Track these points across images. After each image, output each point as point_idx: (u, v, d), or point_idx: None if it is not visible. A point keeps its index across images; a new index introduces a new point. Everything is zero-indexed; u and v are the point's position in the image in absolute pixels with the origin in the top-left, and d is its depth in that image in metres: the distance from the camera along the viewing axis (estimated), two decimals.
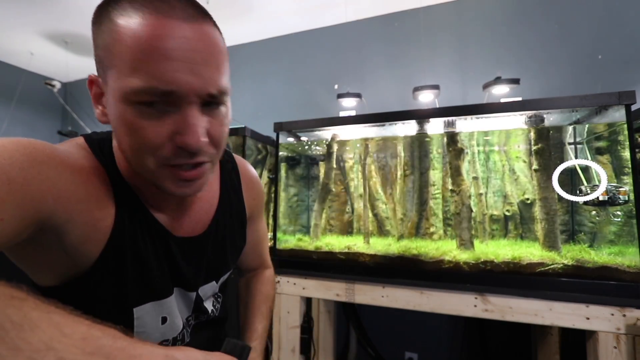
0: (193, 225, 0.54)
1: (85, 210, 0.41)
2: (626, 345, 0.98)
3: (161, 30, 0.36)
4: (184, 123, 0.38)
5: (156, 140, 0.38)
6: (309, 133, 1.66)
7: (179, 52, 0.36)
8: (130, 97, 0.37)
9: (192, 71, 0.37)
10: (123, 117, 0.38)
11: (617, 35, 1.85)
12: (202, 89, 0.38)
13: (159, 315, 0.50)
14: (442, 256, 1.26)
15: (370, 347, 1.65)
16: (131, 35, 0.36)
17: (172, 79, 0.36)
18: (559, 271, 1.11)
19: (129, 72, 0.36)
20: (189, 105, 0.38)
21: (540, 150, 1.27)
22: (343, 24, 2.54)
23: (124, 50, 0.36)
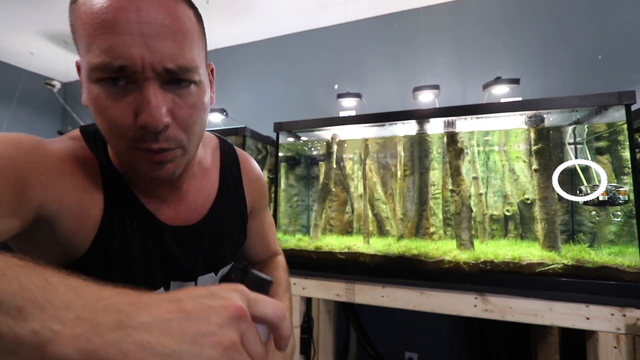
0: (189, 214, 0.54)
1: (74, 199, 0.41)
2: (626, 345, 0.98)
3: (110, 2, 0.35)
4: (142, 100, 0.37)
5: (122, 120, 0.37)
6: (309, 133, 1.66)
7: (130, 24, 0.35)
8: (91, 75, 0.37)
9: (146, 45, 0.35)
10: (91, 96, 0.38)
11: (617, 35, 1.85)
12: (157, 64, 0.36)
13: None
14: (442, 256, 1.26)
15: (370, 347, 1.65)
16: (84, 11, 0.36)
17: (122, 53, 0.35)
18: (559, 271, 1.11)
19: (86, 49, 0.36)
20: (146, 81, 0.37)
21: (540, 150, 1.27)
22: (343, 24, 2.54)
23: (81, 28, 0.36)
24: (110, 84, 0.37)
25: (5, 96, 3.20)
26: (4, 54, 3.14)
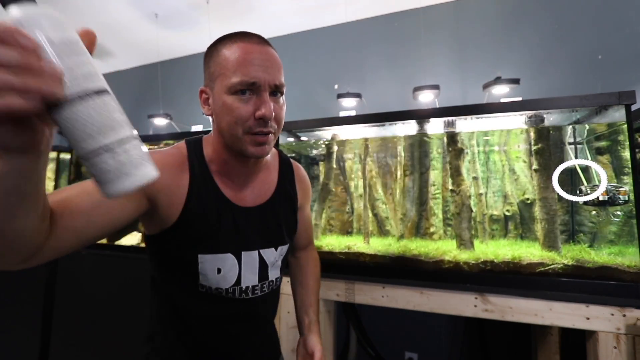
0: (254, 198, 0.73)
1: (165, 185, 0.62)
2: (626, 345, 0.98)
3: (247, 49, 0.62)
4: (261, 102, 0.61)
5: (245, 114, 0.61)
6: (309, 133, 1.66)
7: (257, 59, 0.62)
8: (232, 89, 0.61)
9: (265, 71, 0.61)
10: (226, 103, 0.62)
11: (617, 35, 1.85)
12: (271, 81, 0.62)
13: (215, 265, 0.67)
14: (442, 256, 1.26)
15: (370, 347, 1.65)
16: (231, 54, 0.62)
17: (254, 75, 0.61)
18: (559, 271, 1.11)
19: (231, 74, 0.61)
20: (264, 92, 0.62)
21: (540, 150, 1.27)
22: (343, 24, 2.54)
23: (228, 63, 0.62)
24: (242, 94, 0.61)
25: None
26: None
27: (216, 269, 0.67)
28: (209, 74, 0.66)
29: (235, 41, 0.63)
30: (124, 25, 2.68)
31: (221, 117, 0.64)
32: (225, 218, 0.68)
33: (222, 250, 0.68)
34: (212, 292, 0.69)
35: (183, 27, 2.67)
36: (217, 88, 0.64)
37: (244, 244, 0.70)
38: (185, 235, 0.65)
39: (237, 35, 0.65)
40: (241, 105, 0.61)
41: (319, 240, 1.62)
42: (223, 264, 0.68)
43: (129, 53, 3.16)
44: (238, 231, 0.69)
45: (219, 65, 0.63)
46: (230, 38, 0.64)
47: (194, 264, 0.66)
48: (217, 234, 0.67)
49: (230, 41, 0.64)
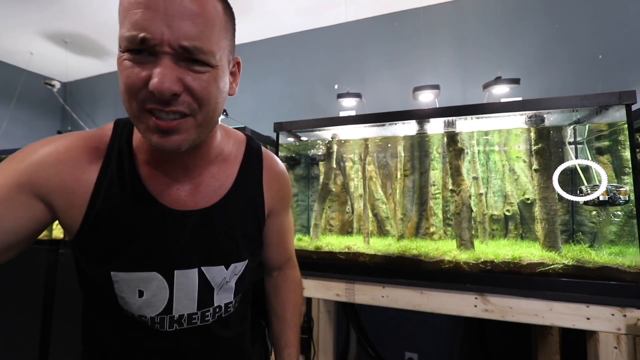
0: (198, 200, 0.55)
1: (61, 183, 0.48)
2: (627, 346, 0.97)
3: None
4: (159, 70, 0.42)
5: (136, 81, 0.42)
6: (309, 133, 1.65)
7: (155, 3, 0.41)
8: (121, 44, 0.42)
9: (165, 22, 0.41)
10: (118, 63, 0.44)
11: (617, 35, 1.85)
12: (174, 41, 0.41)
13: (135, 287, 0.51)
14: (442, 256, 1.26)
15: (370, 347, 1.65)
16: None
17: (145, 27, 0.40)
18: (559, 271, 1.11)
19: (121, 23, 0.42)
20: (163, 54, 0.42)
21: (541, 150, 1.27)
22: (343, 24, 2.54)
23: (121, 4, 0.43)
24: (135, 53, 0.42)
25: (4, 96, 3.19)
26: (3, 54, 3.14)
27: (137, 292, 0.51)
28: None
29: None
30: None
31: (119, 77, 0.45)
32: (148, 223, 0.51)
33: (144, 267, 0.51)
34: (134, 319, 0.53)
35: None
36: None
37: (177, 259, 0.53)
38: (92, 246, 0.50)
39: None
40: (132, 66, 0.42)
41: (319, 240, 1.62)
42: (146, 285, 0.51)
43: None
44: (169, 242, 0.52)
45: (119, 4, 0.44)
46: None
47: (108, 283, 0.50)
48: (136, 245, 0.51)
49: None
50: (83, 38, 2.86)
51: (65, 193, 0.48)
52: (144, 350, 0.55)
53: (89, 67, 3.43)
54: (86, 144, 0.50)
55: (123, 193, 0.50)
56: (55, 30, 2.74)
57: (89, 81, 3.66)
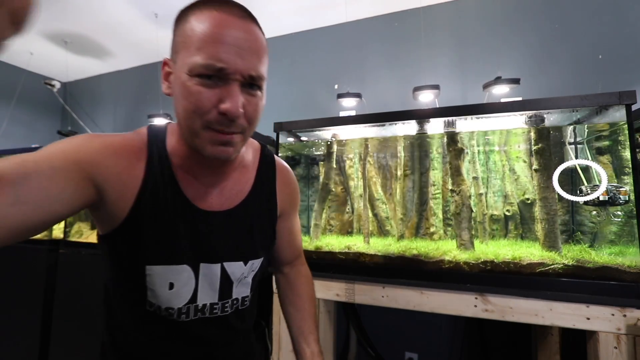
0: (222, 202, 0.61)
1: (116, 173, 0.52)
2: (627, 346, 0.97)
3: (219, 21, 0.49)
4: (228, 94, 0.49)
5: (206, 104, 0.49)
6: (309, 133, 1.65)
7: (231, 39, 0.48)
8: (193, 70, 0.48)
9: (239, 55, 0.49)
10: (185, 85, 0.49)
11: (617, 35, 1.85)
12: (245, 70, 0.49)
13: (167, 280, 0.56)
14: (442, 256, 1.26)
15: (370, 347, 1.65)
16: (198, 25, 0.49)
17: (223, 58, 0.48)
18: (559, 271, 1.11)
19: (195, 52, 0.48)
20: (233, 81, 0.49)
21: (541, 150, 1.27)
22: (343, 24, 2.54)
23: (193, 36, 0.49)
24: (205, 78, 0.48)
25: (4, 96, 3.20)
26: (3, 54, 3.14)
27: (168, 284, 0.56)
28: (174, 44, 0.53)
29: (208, 8, 0.50)
30: (124, 25, 2.68)
31: (178, 100, 0.51)
32: (183, 222, 0.56)
33: (177, 261, 0.56)
34: (161, 313, 0.57)
35: None
36: (178, 63, 0.51)
37: (205, 254, 0.59)
38: (133, 239, 0.54)
39: (211, 3, 0.51)
40: (203, 90, 0.48)
41: (319, 240, 1.62)
42: (177, 277, 0.56)
43: (129, 53, 3.16)
44: (198, 239, 0.58)
45: (183, 35, 0.50)
46: (205, 3, 0.51)
47: (140, 276, 0.55)
48: (172, 241, 0.56)
49: (203, 6, 0.50)
50: (83, 38, 2.86)
51: (119, 184, 0.52)
52: (167, 340, 0.59)
53: (89, 67, 3.43)
54: (134, 144, 0.55)
55: (164, 193, 0.55)
56: (55, 30, 2.74)
57: (89, 81, 3.66)
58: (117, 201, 0.52)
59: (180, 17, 0.53)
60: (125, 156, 0.53)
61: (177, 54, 0.52)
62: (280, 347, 1.35)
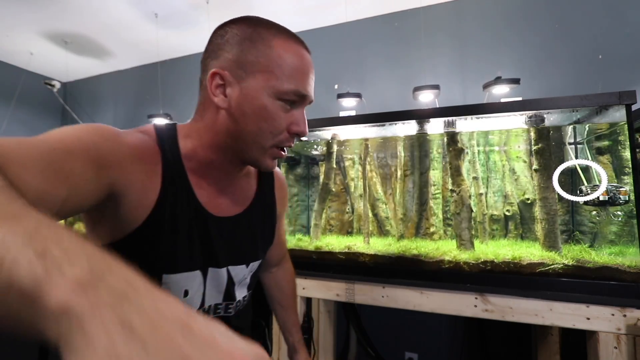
0: (230, 208, 0.62)
1: (139, 180, 0.50)
2: (627, 346, 0.97)
3: (305, 57, 0.55)
4: (302, 117, 0.56)
5: (283, 125, 0.54)
6: (309, 133, 1.65)
7: (311, 72, 0.56)
8: (280, 94, 0.53)
9: (312, 86, 0.57)
10: (267, 107, 0.53)
11: (617, 35, 1.85)
12: (312, 97, 0.57)
13: (183, 287, 0.56)
14: (442, 256, 1.26)
15: (370, 347, 1.65)
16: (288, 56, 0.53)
17: (307, 89, 0.55)
18: (559, 271, 1.11)
19: (286, 79, 0.53)
20: (304, 106, 0.57)
21: (541, 150, 1.27)
22: (343, 24, 2.54)
23: (284, 65, 0.53)
24: (288, 103, 0.54)
25: (4, 96, 3.20)
26: (3, 54, 3.14)
27: (183, 292, 0.55)
28: (241, 60, 0.53)
29: (291, 41, 0.55)
30: (124, 25, 2.68)
31: (250, 118, 0.53)
32: (197, 228, 0.56)
33: (192, 267, 0.56)
34: None
35: (183, 27, 2.67)
36: (254, 83, 0.52)
37: (213, 259, 0.59)
38: (149, 247, 0.52)
39: (289, 34, 0.56)
40: (283, 115, 0.54)
41: (319, 240, 1.62)
42: (191, 284, 0.56)
43: (128, 53, 3.16)
44: (209, 244, 0.58)
45: (268, 58, 0.52)
46: (282, 33, 0.55)
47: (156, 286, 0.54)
48: (188, 248, 0.55)
49: (285, 38, 0.54)
50: (83, 38, 2.86)
51: (140, 190, 0.50)
52: None
53: (89, 67, 3.43)
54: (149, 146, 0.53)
55: (180, 199, 0.55)
56: (55, 30, 2.74)
57: (89, 81, 3.66)
58: (136, 208, 0.50)
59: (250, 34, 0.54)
60: (147, 161, 0.52)
61: (250, 73, 0.53)
62: (280, 347, 1.35)
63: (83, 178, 0.41)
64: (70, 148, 0.41)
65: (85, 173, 0.41)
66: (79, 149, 0.41)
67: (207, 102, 0.56)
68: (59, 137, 0.41)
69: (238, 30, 0.55)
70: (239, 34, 0.55)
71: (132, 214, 0.50)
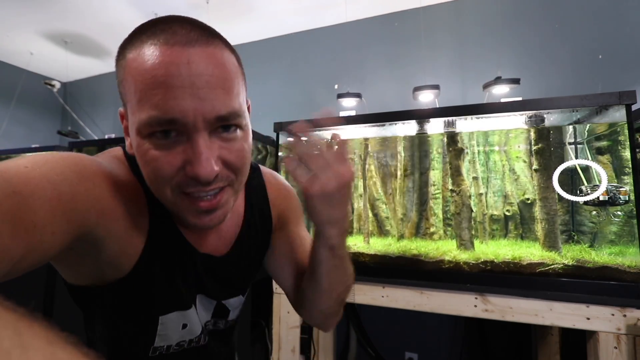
0: (218, 245, 0.55)
1: (123, 227, 0.42)
2: (627, 346, 0.97)
3: (161, 58, 0.36)
4: (193, 152, 0.38)
5: (169, 170, 0.39)
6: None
7: (179, 78, 0.36)
8: (142, 131, 0.38)
9: (196, 96, 0.37)
10: (140, 149, 0.39)
11: (617, 35, 1.85)
12: (208, 113, 0.38)
13: (181, 322, 0.52)
14: (442, 256, 1.26)
15: (370, 347, 1.65)
16: (135, 68, 0.37)
17: (173, 107, 0.36)
18: (559, 271, 1.11)
19: (137, 105, 0.38)
20: (196, 132, 0.38)
21: (541, 150, 1.27)
22: (343, 24, 2.54)
23: (132, 84, 0.38)
24: (161, 137, 0.38)
25: (4, 96, 3.20)
26: (3, 54, 3.14)
27: (181, 325, 0.52)
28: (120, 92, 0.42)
29: (143, 40, 0.38)
30: (124, 25, 2.68)
31: (141, 167, 0.41)
32: (189, 267, 0.51)
33: (187, 305, 0.52)
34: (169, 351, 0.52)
35: None
36: (130, 119, 0.41)
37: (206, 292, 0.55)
38: (143, 290, 0.46)
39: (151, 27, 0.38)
40: (161, 154, 0.38)
41: None
42: (189, 318, 0.52)
43: None
44: (201, 282, 0.53)
45: (124, 84, 0.39)
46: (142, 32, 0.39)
47: (152, 326, 0.49)
48: (182, 287, 0.50)
49: (138, 39, 0.38)
50: (83, 38, 2.86)
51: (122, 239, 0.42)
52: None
53: (89, 67, 3.43)
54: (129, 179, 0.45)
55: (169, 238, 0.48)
56: (55, 30, 2.74)
57: (89, 81, 3.66)
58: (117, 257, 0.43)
59: (119, 54, 0.40)
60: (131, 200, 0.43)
61: (125, 107, 0.42)
62: (280, 347, 1.35)
63: (48, 231, 0.32)
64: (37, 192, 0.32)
65: (52, 225, 0.33)
66: (48, 195, 0.33)
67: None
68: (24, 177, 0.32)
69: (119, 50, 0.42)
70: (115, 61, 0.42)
71: (115, 262, 0.43)
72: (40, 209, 0.32)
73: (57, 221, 0.33)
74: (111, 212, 0.40)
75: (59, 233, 0.34)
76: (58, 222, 0.33)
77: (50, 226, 0.33)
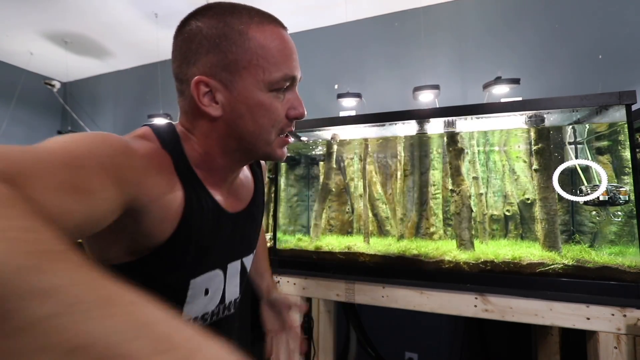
0: (239, 203, 0.63)
1: (160, 194, 0.46)
2: (627, 346, 0.97)
3: (284, 36, 0.52)
4: (297, 100, 0.55)
5: (282, 115, 0.53)
6: (309, 133, 1.65)
7: (293, 50, 0.53)
8: (272, 85, 0.51)
9: (297, 62, 0.54)
10: (263, 102, 0.51)
11: (617, 35, 1.85)
12: (301, 76, 0.56)
13: (203, 287, 0.55)
14: (442, 256, 1.26)
15: (370, 347, 1.65)
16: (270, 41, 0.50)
17: (296, 67, 0.53)
18: (559, 271, 1.11)
19: (273, 68, 0.50)
20: (295, 87, 0.56)
21: (541, 150, 1.27)
22: (343, 24, 2.54)
23: (268, 52, 0.50)
24: (280, 92, 0.52)
25: (4, 96, 3.20)
26: (3, 54, 3.14)
27: (204, 291, 0.55)
28: (222, 62, 0.49)
29: (267, 23, 0.51)
30: (124, 25, 2.68)
31: (248, 118, 0.51)
32: (218, 230, 0.55)
33: (213, 266, 0.56)
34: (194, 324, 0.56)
35: None
36: (243, 82, 0.49)
37: (231, 255, 0.61)
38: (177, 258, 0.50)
39: (262, 15, 0.51)
40: (279, 104, 0.52)
41: (319, 240, 1.62)
42: (211, 282, 0.56)
43: (128, 53, 3.15)
44: (227, 242, 0.58)
45: (250, 52, 0.49)
46: (255, 17, 0.50)
47: (182, 291, 0.52)
48: (213, 250, 0.55)
49: (259, 22, 0.50)
50: (83, 38, 2.86)
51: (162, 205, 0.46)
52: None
53: (89, 67, 3.43)
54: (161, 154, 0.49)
55: (204, 205, 0.53)
56: (55, 30, 2.74)
57: (89, 81, 3.66)
58: (161, 222, 0.47)
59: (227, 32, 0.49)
60: (163, 171, 0.48)
61: (235, 73, 0.49)
62: None
63: (102, 197, 0.35)
64: (84, 163, 0.35)
65: (104, 191, 0.36)
66: (93, 164, 0.36)
67: (196, 112, 0.52)
68: (67, 150, 0.35)
69: (207, 27, 0.49)
70: (211, 33, 0.49)
71: (156, 229, 0.47)
72: (91, 178, 0.35)
73: (107, 189, 0.37)
74: (148, 181, 0.44)
75: (111, 199, 0.37)
76: (108, 189, 0.37)
77: (102, 192, 0.36)
